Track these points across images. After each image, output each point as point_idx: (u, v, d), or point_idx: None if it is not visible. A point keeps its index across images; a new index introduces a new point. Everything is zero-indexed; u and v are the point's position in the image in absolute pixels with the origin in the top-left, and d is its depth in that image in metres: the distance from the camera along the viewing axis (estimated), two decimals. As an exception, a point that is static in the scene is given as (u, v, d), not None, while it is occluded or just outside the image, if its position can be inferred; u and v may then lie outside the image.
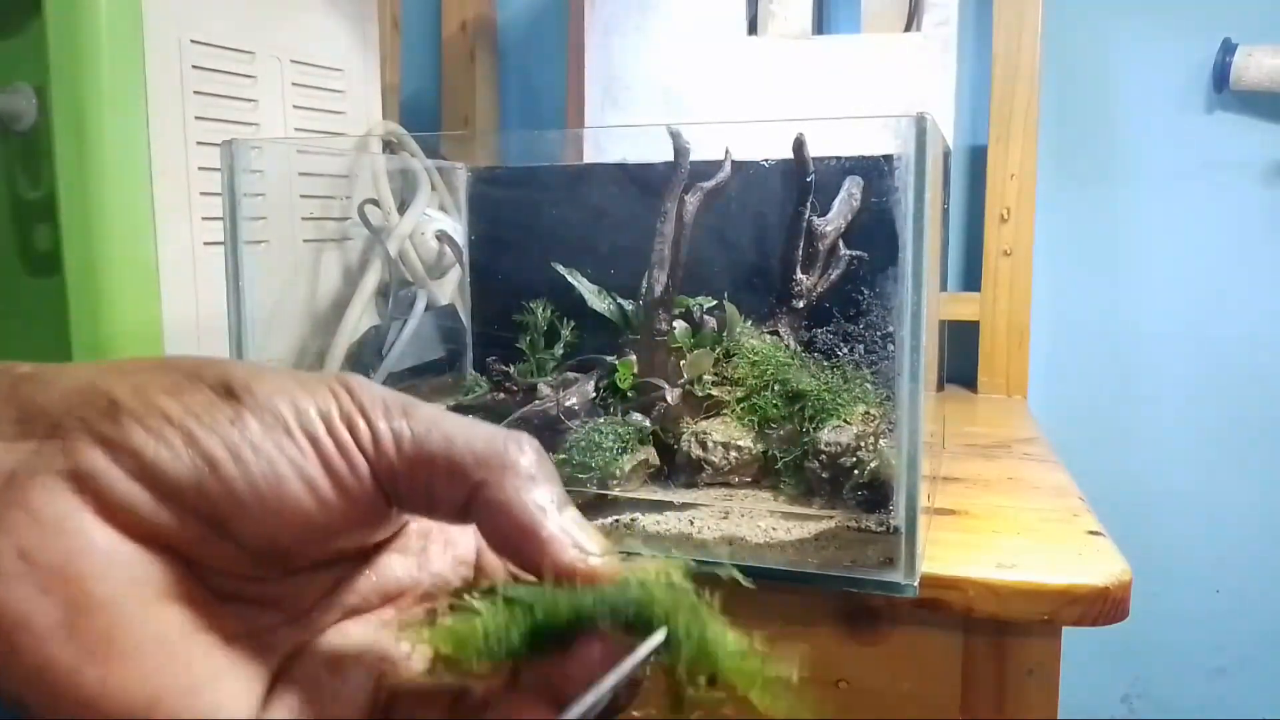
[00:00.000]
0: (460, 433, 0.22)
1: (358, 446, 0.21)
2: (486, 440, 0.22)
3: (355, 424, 0.22)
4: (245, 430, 0.21)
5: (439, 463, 0.22)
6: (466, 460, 0.22)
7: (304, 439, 0.21)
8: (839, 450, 0.46)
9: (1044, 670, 0.45)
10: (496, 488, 0.22)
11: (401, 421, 0.22)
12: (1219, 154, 0.92)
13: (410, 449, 0.22)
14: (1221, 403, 0.94)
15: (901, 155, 0.41)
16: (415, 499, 0.22)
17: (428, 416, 0.22)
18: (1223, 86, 0.88)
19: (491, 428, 0.23)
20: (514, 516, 0.21)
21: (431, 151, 0.77)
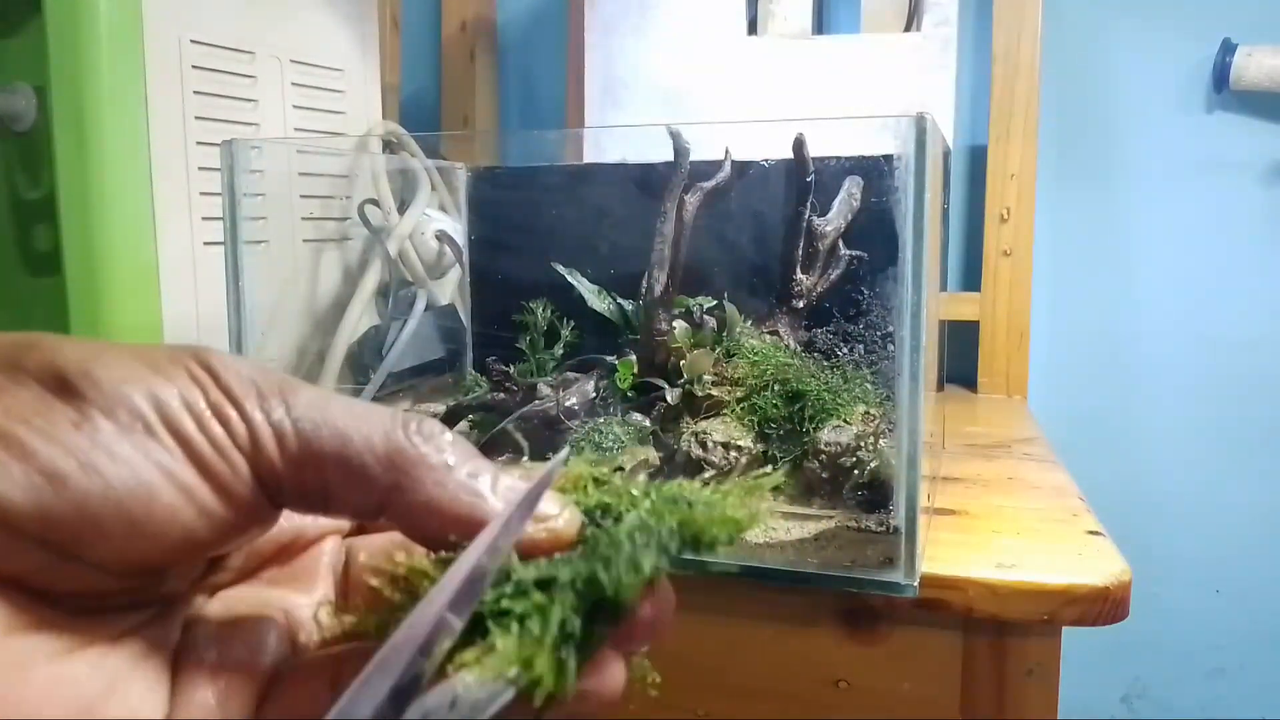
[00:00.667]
0: (353, 428, 0.19)
1: (233, 443, 0.18)
2: (385, 434, 0.19)
3: (226, 415, 0.18)
4: (96, 434, 0.17)
5: (332, 465, 0.19)
6: (369, 464, 0.19)
7: (170, 438, 0.17)
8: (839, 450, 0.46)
9: (1044, 670, 0.45)
10: (415, 489, 0.19)
11: (280, 413, 0.18)
12: (1219, 154, 0.92)
13: (295, 448, 0.18)
14: (1222, 402, 0.94)
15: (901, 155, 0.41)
16: (306, 501, 0.19)
17: (309, 403, 0.19)
18: (1223, 86, 0.88)
19: (382, 414, 0.19)
20: (448, 515, 0.19)
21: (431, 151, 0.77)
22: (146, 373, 0.18)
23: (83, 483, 0.16)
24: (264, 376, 0.19)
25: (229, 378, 0.18)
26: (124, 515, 0.17)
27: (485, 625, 0.17)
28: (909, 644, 0.46)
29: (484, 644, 0.17)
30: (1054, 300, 0.96)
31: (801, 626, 0.47)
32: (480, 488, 0.19)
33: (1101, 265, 0.96)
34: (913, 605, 0.43)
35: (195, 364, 0.18)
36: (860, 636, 0.47)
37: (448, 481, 0.19)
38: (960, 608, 0.43)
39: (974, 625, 0.45)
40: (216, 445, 0.18)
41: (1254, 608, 0.95)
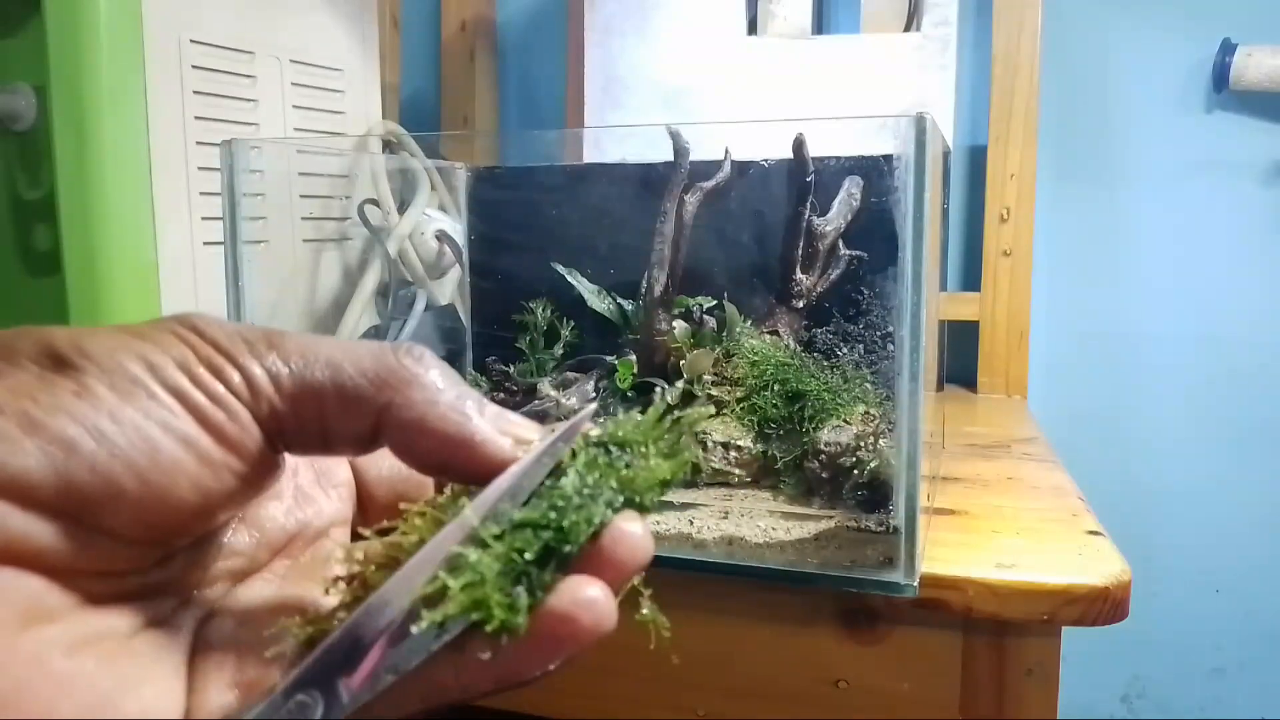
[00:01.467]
0: (344, 357, 0.19)
1: (230, 392, 0.19)
2: (376, 359, 0.20)
3: (220, 367, 0.19)
4: (96, 401, 0.17)
5: (328, 395, 0.19)
6: (362, 386, 0.19)
7: (168, 395, 0.18)
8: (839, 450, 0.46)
9: (1043, 670, 0.45)
10: (406, 407, 0.19)
11: (271, 356, 0.19)
12: (1219, 154, 0.92)
13: (292, 385, 0.19)
14: (1222, 402, 0.94)
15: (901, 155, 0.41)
16: (307, 439, 0.20)
17: (299, 346, 0.19)
18: (1222, 86, 0.88)
19: (371, 344, 0.20)
20: (437, 431, 0.19)
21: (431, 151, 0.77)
22: (135, 341, 0.18)
23: (91, 447, 0.17)
24: (249, 330, 0.19)
25: (215, 334, 0.19)
26: (133, 473, 0.17)
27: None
28: (909, 644, 0.46)
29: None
30: (1053, 300, 0.96)
31: (801, 626, 0.47)
32: (468, 409, 0.20)
33: (1101, 265, 0.96)
34: (912, 605, 0.43)
35: (180, 326, 0.19)
36: (860, 636, 0.47)
37: (438, 400, 0.19)
38: (960, 608, 0.43)
39: (974, 625, 0.45)
40: (213, 396, 0.18)
41: (1253, 607, 0.95)
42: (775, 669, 0.48)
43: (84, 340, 0.18)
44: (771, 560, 0.44)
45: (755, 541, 0.45)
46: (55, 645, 0.17)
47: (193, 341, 0.19)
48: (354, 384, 0.19)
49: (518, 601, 0.18)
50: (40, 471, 0.17)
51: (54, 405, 0.17)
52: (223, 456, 0.19)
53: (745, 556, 0.45)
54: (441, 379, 0.20)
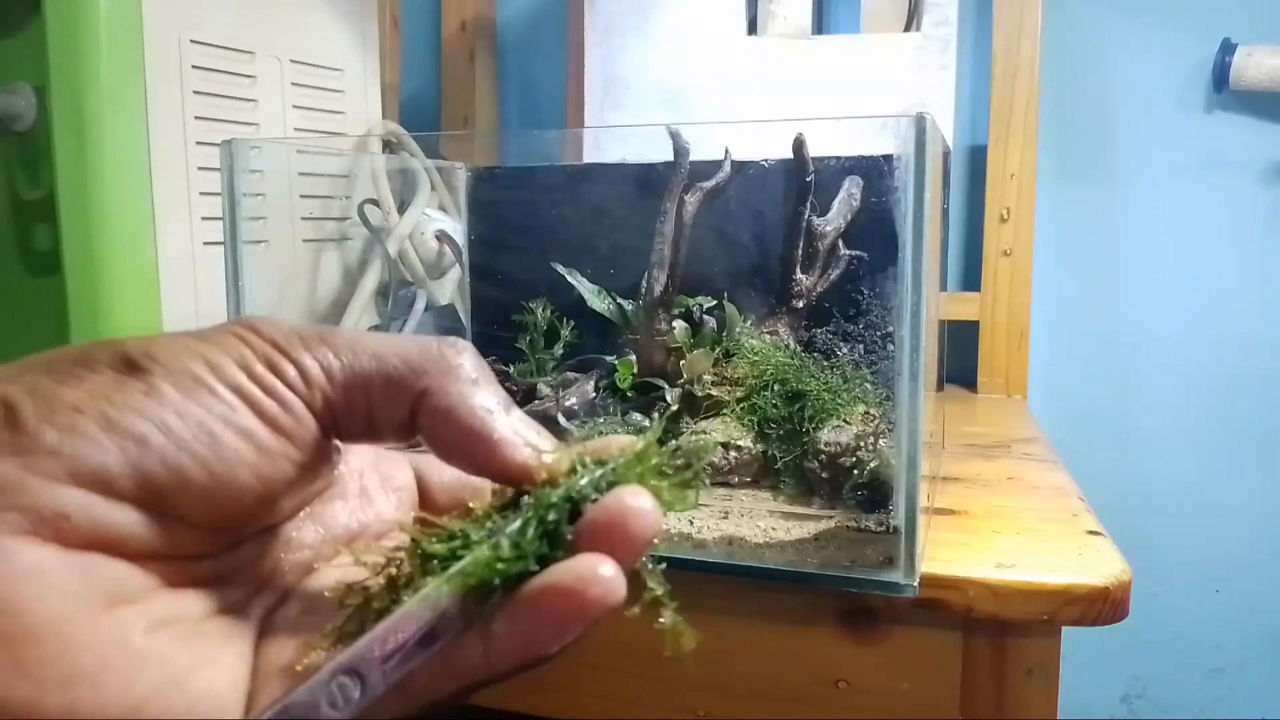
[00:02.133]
0: (389, 347, 0.21)
1: (286, 386, 0.20)
2: (420, 348, 0.21)
3: (277, 363, 0.20)
4: (163, 399, 0.19)
5: (375, 382, 0.21)
6: (404, 372, 0.21)
7: (228, 392, 0.20)
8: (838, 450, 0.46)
9: (1043, 670, 0.45)
10: (440, 394, 0.21)
11: (324, 350, 0.21)
12: (1219, 154, 0.92)
13: (342, 376, 0.21)
14: (1222, 402, 0.94)
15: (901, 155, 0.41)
16: (356, 426, 0.21)
17: (349, 341, 0.21)
18: (1222, 86, 0.88)
19: (419, 337, 0.22)
20: (463, 422, 0.21)
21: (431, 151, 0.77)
22: (198, 344, 0.20)
23: (160, 441, 0.19)
24: (303, 327, 0.21)
25: (272, 333, 0.21)
26: (199, 463, 0.19)
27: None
28: (909, 644, 0.46)
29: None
30: (1054, 300, 0.96)
31: (801, 626, 0.47)
32: (495, 408, 0.21)
33: (1101, 265, 0.96)
34: (912, 605, 0.43)
35: (240, 328, 0.21)
36: (860, 636, 0.47)
37: (469, 393, 0.21)
38: (960, 608, 0.43)
39: (974, 625, 0.45)
40: (269, 390, 0.20)
41: (1254, 607, 0.95)
42: (775, 669, 0.48)
43: (152, 346, 0.20)
44: (771, 560, 0.44)
45: (755, 541, 0.45)
46: (134, 625, 0.19)
47: (252, 341, 0.21)
48: (396, 371, 0.21)
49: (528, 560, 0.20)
50: (118, 465, 0.18)
51: (126, 405, 0.19)
52: (280, 445, 0.20)
53: (745, 556, 0.45)
54: (477, 375, 0.21)
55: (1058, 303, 0.96)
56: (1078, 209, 0.95)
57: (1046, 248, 0.93)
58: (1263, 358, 0.92)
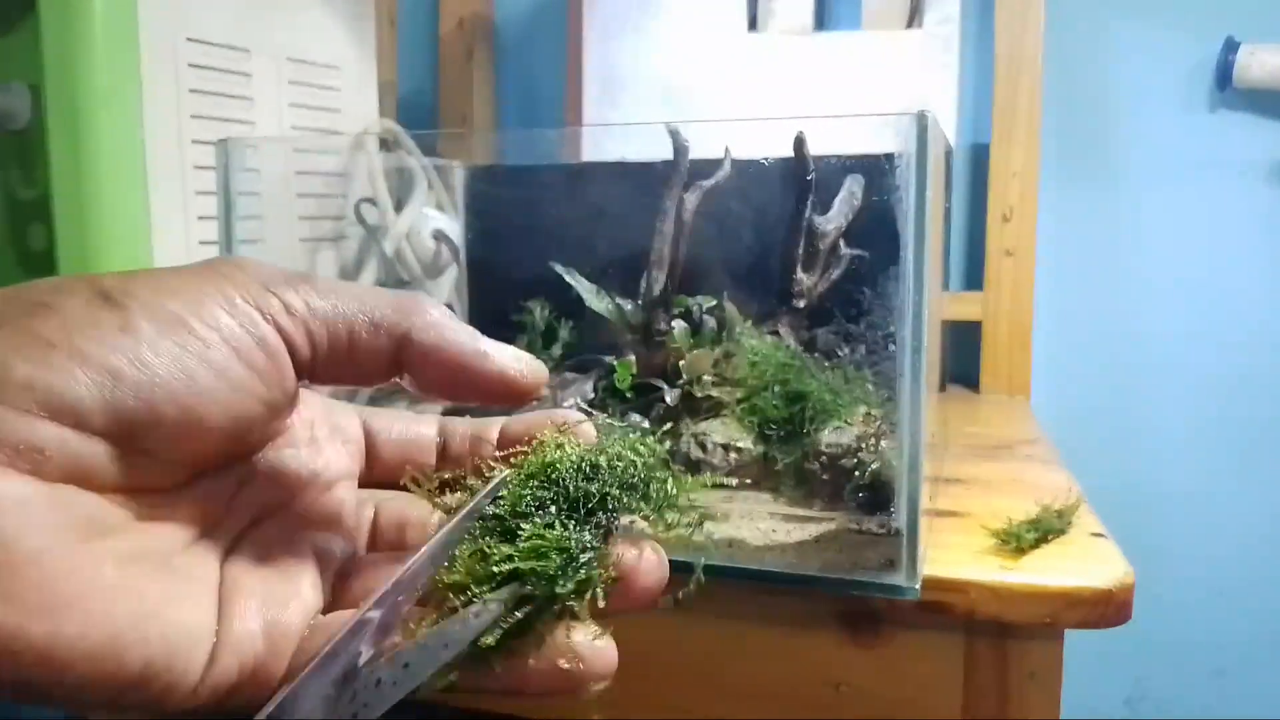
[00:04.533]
0: (369, 294, 0.23)
1: (267, 320, 0.21)
2: (399, 295, 0.23)
3: (261, 300, 0.21)
4: (139, 334, 0.19)
5: (359, 320, 0.22)
6: (387, 313, 0.22)
7: (204, 328, 0.20)
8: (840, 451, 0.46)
9: (1046, 673, 0.45)
10: (424, 330, 0.22)
11: (307, 289, 0.22)
12: (1222, 153, 0.91)
13: (327, 313, 0.22)
14: (1225, 403, 0.93)
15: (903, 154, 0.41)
16: (338, 364, 0.22)
17: (332, 285, 0.23)
18: (1225, 85, 0.88)
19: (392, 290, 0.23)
20: (452, 349, 0.23)
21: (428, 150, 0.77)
22: (179, 280, 0.21)
23: (134, 376, 0.19)
24: (290, 271, 0.22)
25: (258, 270, 0.22)
26: (171, 398, 0.19)
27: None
28: (910, 647, 0.46)
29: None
30: (1057, 300, 0.95)
31: (802, 629, 0.47)
32: (477, 336, 0.23)
33: (1104, 264, 0.95)
34: (914, 608, 0.43)
35: (226, 265, 0.22)
36: (861, 639, 0.46)
37: (452, 325, 0.23)
38: (962, 610, 0.43)
39: (976, 628, 0.45)
40: (247, 325, 0.21)
41: (1257, 609, 0.95)
42: (776, 672, 0.48)
43: (130, 282, 0.20)
44: (772, 563, 0.44)
45: (756, 544, 0.44)
46: (109, 557, 0.19)
47: (235, 277, 0.21)
48: (380, 312, 0.22)
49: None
50: (91, 399, 0.19)
51: (101, 339, 0.19)
52: (252, 383, 0.21)
53: (746, 559, 0.44)
54: (453, 318, 0.23)
55: (1060, 302, 0.96)
56: (1081, 208, 0.95)
57: (1049, 247, 0.93)
58: (1267, 358, 0.92)
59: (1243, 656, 0.96)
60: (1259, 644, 0.95)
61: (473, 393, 0.23)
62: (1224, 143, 0.91)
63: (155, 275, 0.21)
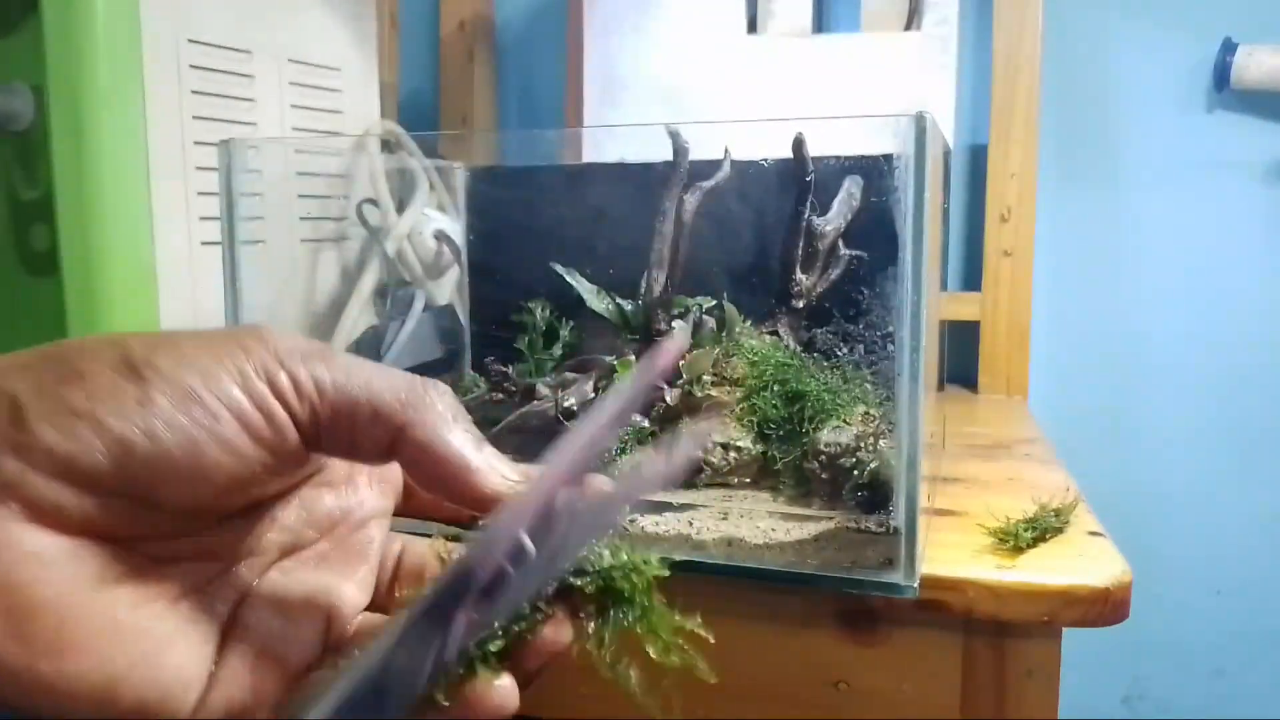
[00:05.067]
0: (380, 378, 0.23)
1: (275, 394, 0.22)
2: (407, 385, 0.23)
3: (273, 374, 0.22)
4: (153, 408, 0.21)
5: (362, 407, 0.23)
6: (391, 404, 0.23)
7: (216, 403, 0.22)
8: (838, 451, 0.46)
9: (1044, 671, 0.45)
10: (420, 427, 0.23)
11: (320, 367, 0.23)
12: (1220, 153, 0.91)
13: (333, 394, 0.23)
14: (1222, 403, 0.94)
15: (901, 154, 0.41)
16: (338, 443, 0.23)
17: (345, 364, 0.23)
18: (1223, 86, 0.88)
19: (406, 374, 0.24)
20: (440, 453, 0.23)
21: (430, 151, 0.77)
22: (200, 352, 0.22)
23: (146, 446, 0.21)
24: (307, 343, 0.23)
25: (277, 343, 0.23)
26: (178, 469, 0.21)
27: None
28: (909, 645, 0.46)
29: None
30: (1054, 300, 0.96)
31: (801, 628, 0.47)
32: (470, 444, 0.23)
33: (1102, 265, 0.95)
34: (913, 606, 0.43)
35: (248, 336, 0.23)
36: (860, 638, 0.46)
37: (447, 429, 0.23)
38: (960, 609, 0.43)
39: (974, 626, 0.45)
40: (257, 402, 0.22)
41: (1255, 608, 0.95)
42: (775, 671, 0.48)
43: (155, 354, 0.22)
44: (771, 561, 0.44)
45: (755, 542, 0.45)
46: (118, 604, 0.21)
47: (253, 350, 0.22)
48: (383, 402, 0.23)
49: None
50: (106, 465, 0.21)
51: (120, 412, 0.21)
52: (258, 454, 0.22)
53: (745, 558, 0.44)
54: (455, 413, 0.24)
55: (1058, 303, 0.96)
56: (1078, 208, 0.95)
57: (1047, 247, 0.93)
58: (1264, 357, 0.92)
59: (1241, 656, 0.96)
60: (1257, 643, 0.95)
61: (458, 501, 0.23)
62: (1222, 143, 0.91)
63: (178, 344, 0.22)
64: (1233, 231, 0.92)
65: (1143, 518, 0.95)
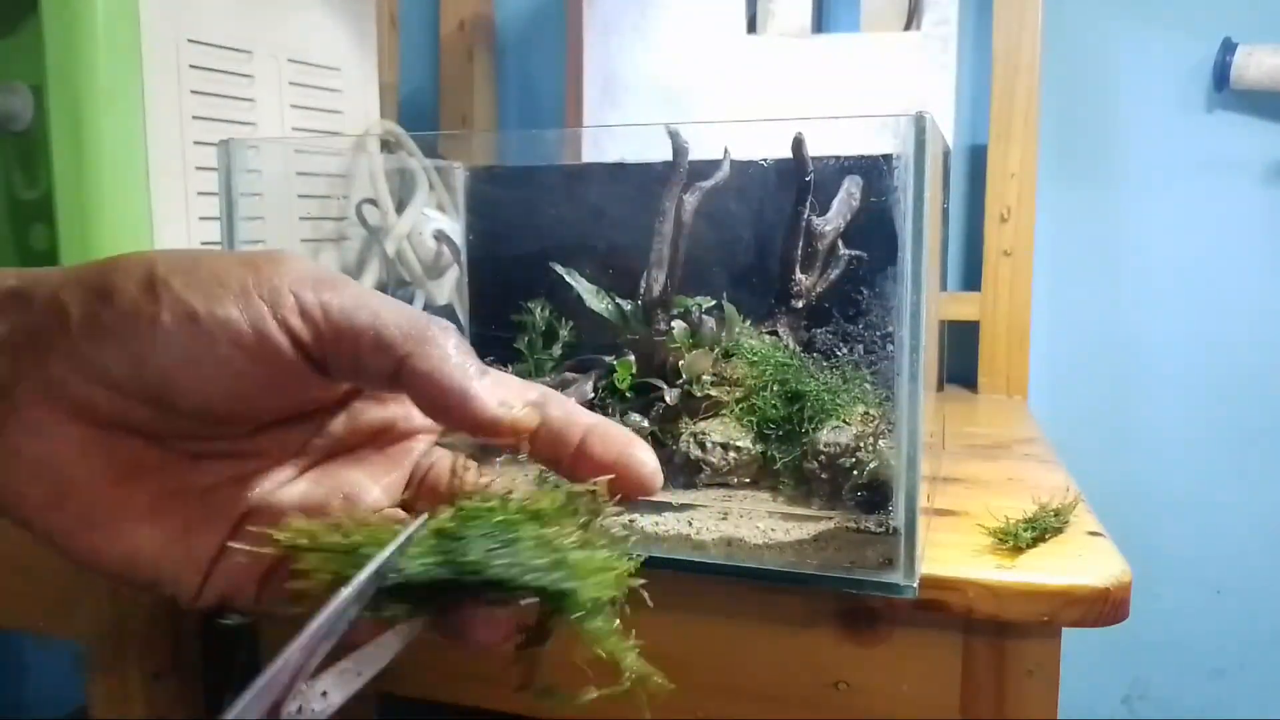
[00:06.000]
0: (385, 309, 0.24)
1: (275, 316, 0.24)
2: (410, 318, 0.24)
3: (277, 297, 0.24)
4: (158, 327, 0.23)
5: (365, 334, 0.24)
6: (393, 335, 0.24)
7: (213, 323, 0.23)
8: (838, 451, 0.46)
9: (1044, 671, 0.45)
10: (422, 358, 0.24)
11: (329, 294, 0.24)
12: (1219, 153, 0.91)
13: (338, 319, 0.24)
14: (1222, 403, 0.94)
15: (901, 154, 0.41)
16: (343, 367, 0.25)
17: (355, 293, 0.25)
18: (1223, 86, 0.88)
19: (414, 310, 0.25)
20: (441, 382, 0.24)
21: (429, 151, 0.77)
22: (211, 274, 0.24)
23: (154, 361, 0.24)
24: (323, 272, 0.25)
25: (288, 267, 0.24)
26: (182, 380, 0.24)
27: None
28: (909, 645, 0.46)
29: None
30: (1054, 300, 0.96)
31: (801, 627, 0.47)
32: (471, 372, 0.24)
33: (1102, 265, 0.95)
34: (912, 606, 0.43)
35: (264, 261, 0.24)
36: (860, 637, 0.46)
37: (448, 358, 0.24)
38: (960, 609, 0.43)
39: (974, 626, 0.45)
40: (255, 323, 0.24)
41: (1255, 608, 0.95)
42: (774, 670, 0.48)
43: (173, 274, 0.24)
44: (771, 561, 0.44)
45: (754, 542, 0.45)
46: (144, 494, 0.25)
47: (263, 272, 0.24)
48: (386, 332, 0.24)
49: None
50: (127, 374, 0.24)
51: (136, 331, 0.24)
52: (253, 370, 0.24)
53: (744, 558, 0.44)
54: (456, 347, 0.25)
55: (1058, 303, 0.96)
56: (1078, 208, 0.95)
57: (1047, 247, 0.93)
58: (1264, 357, 0.92)
59: (1241, 655, 0.96)
60: (1257, 643, 0.95)
61: (461, 428, 0.24)
62: (1221, 143, 0.91)
63: (198, 264, 0.24)
64: (1232, 232, 0.92)
65: (1143, 518, 0.95)
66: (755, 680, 0.48)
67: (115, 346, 0.24)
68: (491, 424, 0.24)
